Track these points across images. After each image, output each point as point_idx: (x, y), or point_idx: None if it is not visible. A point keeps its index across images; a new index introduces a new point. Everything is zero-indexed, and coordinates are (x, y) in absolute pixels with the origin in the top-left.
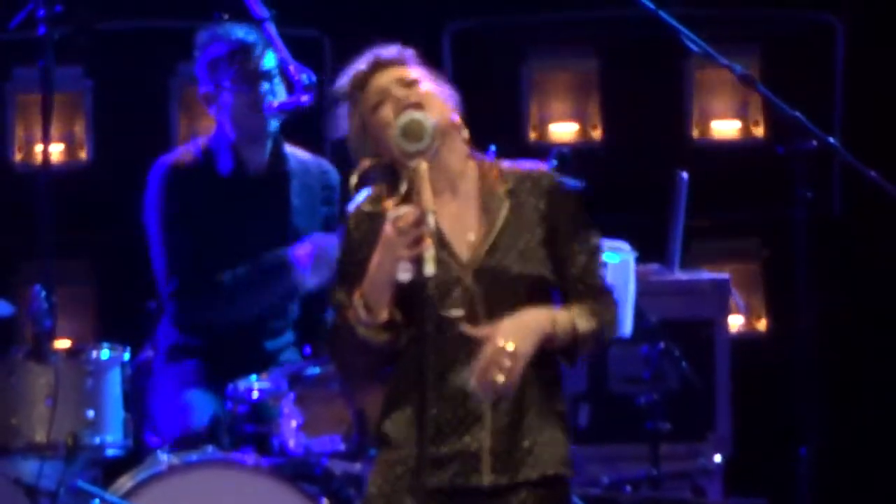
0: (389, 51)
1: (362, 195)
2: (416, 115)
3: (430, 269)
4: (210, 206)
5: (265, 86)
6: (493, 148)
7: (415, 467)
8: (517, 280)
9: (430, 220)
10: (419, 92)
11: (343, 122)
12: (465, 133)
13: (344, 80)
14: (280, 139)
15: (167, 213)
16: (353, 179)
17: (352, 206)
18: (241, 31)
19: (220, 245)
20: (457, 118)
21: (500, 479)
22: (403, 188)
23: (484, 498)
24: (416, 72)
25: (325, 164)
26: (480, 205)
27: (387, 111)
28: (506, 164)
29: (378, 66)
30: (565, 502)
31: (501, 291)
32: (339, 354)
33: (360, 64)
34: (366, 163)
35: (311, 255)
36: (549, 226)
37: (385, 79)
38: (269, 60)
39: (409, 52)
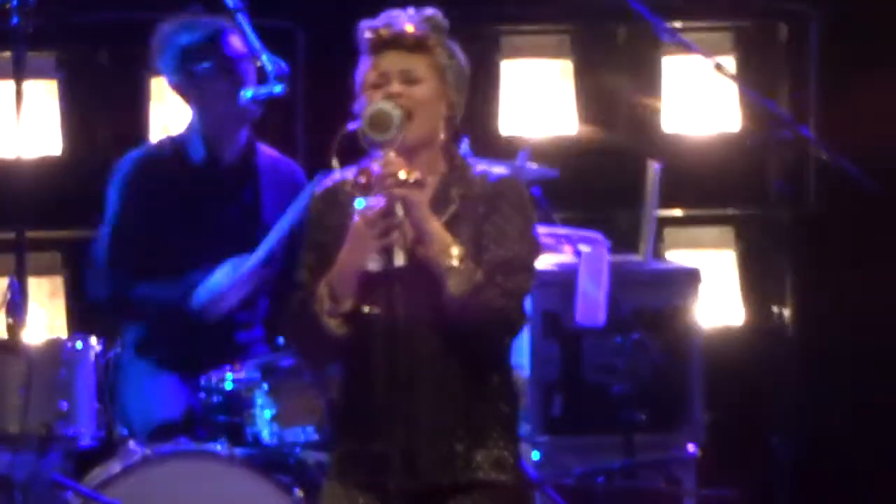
0: (417, 27)
1: (328, 178)
2: (383, 105)
3: (399, 259)
4: (182, 195)
5: (238, 71)
6: (465, 140)
7: (347, 462)
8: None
9: (399, 210)
10: (414, 95)
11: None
12: (443, 136)
13: (367, 28)
14: (252, 133)
15: (129, 203)
16: (334, 159)
17: (318, 188)
18: (207, 20)
19: (190, 234)
20: (441, 129)
21: (427, 480)
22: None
23: (415, 499)
24: (426, 65)
25: (293, 164)
26: (431, 203)
27: (377, 96)
28: (477, 169)
29: (395, 41)
30: None
31: (424, 291)
32: (298, 338)
33: (385, 23)
34: (342, 132)
35: (231, 281)
36: (483, 222)
37: (394, 62)
38: (240, 45)
39: (437, 30)
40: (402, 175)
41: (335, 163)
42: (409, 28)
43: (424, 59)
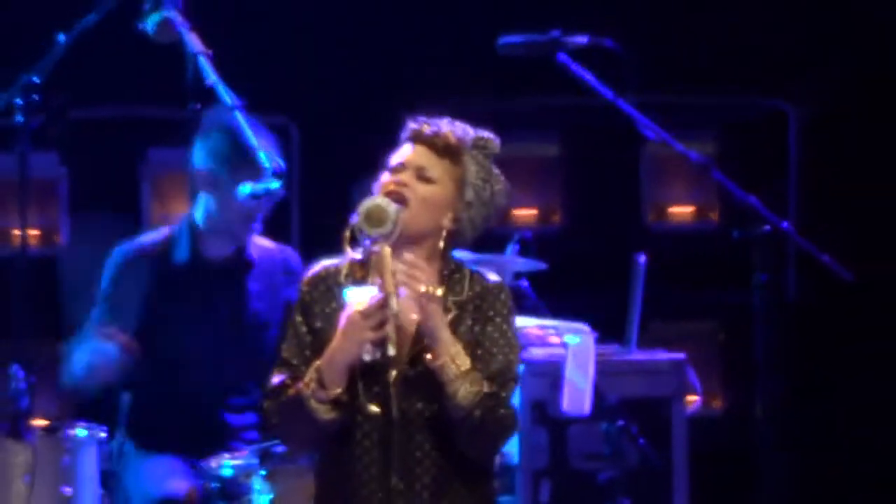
0: (458, 136)
1: (321, 263)
2: (379, 200)
3: (392, 350)
4: (164, 293)
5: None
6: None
7: None
8: (434, 388)
9: (393, 302)
10: (418, 190)
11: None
12: (441, 244)
13: (415, 121)
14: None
15: (113, 300)
16: (346, 237)
17: (309, 273)
18: (249, 132)
19: (172, 333)
20: (439, 236)
21: None
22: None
23: None
24: (447, 171)
25: (288, 251)
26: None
27: (385, 181)
28: (471, 271)
29: (428, 139)
30: None
31: (419, 394)
32: (279, 417)
33: (432, 122)
34: (350, 222)
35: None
36: (473, 325)
37: (417, 156)
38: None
39: (480, 149)
40: (422, 289)
41: (347, 249)
42: (448, 134)
43: (448, 165)
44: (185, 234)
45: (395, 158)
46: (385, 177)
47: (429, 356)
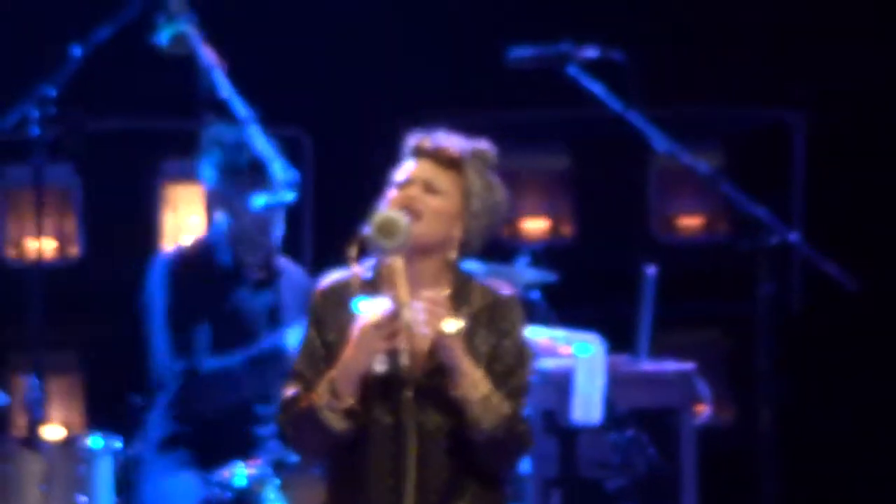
0: (459, 148)
1: (333, 276)
2: (391, 213)
3: (405, 360)
4: (212, 296)
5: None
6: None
7: None
8: (450, 402)
9: (406, 313)
10: (428, 203)
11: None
12: (453, 255)
13: (415, 137)
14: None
15: (170, 305)
16: (353, 251)
17: (321, 285)
18: (261, 143)
19: (220, 333)
20: (451, 247)
21: None
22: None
23: None
24: (453, 182)
25: (304, 272)
26: None
27: (394, 196)
28: (482, 283)
29: (432, 153)
30: None
31: (435, 407)
32: (292, 428)
33: (432, 135)
34: (358, 234)
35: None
36: (487, 335)
37: (423, 171)
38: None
39: (480, 159)
40: (444, 325)
41: (352, 261)
42: (449, 147)
43: (454, 176)
44: (224, 241)
45: (401, 174)
46: (392, 192)
47: (445, 380)
